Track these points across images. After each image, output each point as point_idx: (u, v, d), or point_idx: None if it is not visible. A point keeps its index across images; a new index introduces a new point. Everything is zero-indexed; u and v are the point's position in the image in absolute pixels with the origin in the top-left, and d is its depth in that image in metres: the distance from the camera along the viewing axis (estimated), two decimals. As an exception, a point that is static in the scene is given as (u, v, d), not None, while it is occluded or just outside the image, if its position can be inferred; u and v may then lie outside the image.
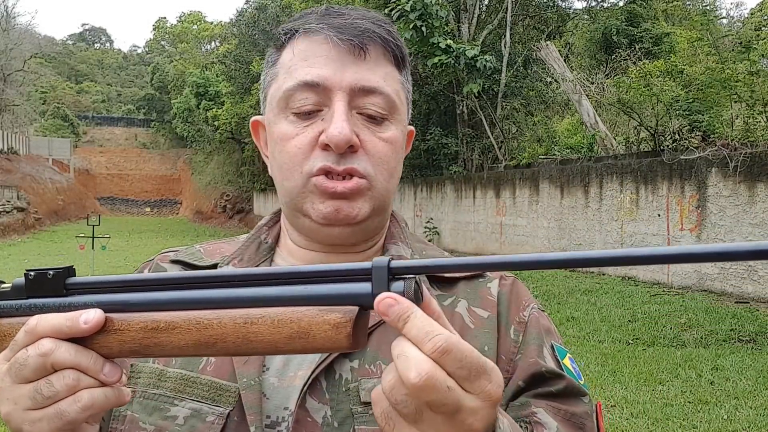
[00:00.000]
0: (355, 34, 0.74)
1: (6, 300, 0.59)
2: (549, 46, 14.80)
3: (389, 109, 0.76)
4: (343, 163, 0.73)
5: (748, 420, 4.37)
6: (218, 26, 52.18)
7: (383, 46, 0.76)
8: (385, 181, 0.77)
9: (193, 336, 0.54)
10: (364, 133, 0.74)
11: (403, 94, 0.79)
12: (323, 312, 0.52)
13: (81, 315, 0.54)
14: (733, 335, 6.63)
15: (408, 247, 0.84)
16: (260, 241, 0.85)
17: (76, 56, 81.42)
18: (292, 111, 0.75)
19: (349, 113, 0.73)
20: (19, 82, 38.19)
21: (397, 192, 0.88)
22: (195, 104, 35.77)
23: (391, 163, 0.77)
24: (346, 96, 0.73)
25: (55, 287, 0.57)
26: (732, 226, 8.73)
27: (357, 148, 0.73)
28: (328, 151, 0.73)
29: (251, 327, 0.53)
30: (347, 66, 0.74)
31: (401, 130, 0.78)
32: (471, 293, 0.80)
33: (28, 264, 15.12)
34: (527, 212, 13.58)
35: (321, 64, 0.74)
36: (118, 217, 45.69)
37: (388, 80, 0.76)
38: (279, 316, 0.52)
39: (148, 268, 0.85)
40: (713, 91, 10.27)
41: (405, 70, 0.80)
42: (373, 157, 0.75)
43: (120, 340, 0.55)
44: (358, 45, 0.73)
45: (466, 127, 17.02)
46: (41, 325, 0.54)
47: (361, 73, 0.74)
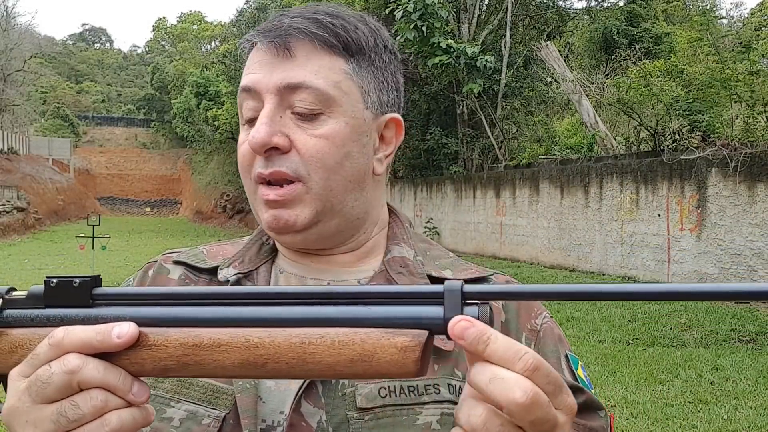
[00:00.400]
0: (278, 35, 0.73)
1: (20, 308, 0.54)
2: (549, 46, 14.80)
3: (323, 103, 0.73)
4: (270, 166, 0.72)
5: (748, 420, 4.37)
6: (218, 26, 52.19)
7: (310, 39, 0.73)
8: (324, 179, 0.73)
9: (241, 355, 0.50)
10: (295, 133, 0.73)
11: (350, 83, 0.74)
12: (389, 335, 0.49)
13: (113, 328, 0.50)
14: (733, 335, 6.63)
15: (411, 248, 0.82)
16: (262, 243, 0.83)
17: (76, 56, 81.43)
18: (244, 118, 0.77)
19: (276, 115, 0.72)
20: (19, 82, 38.20)
21: (397, 192, 0.86)
22: (195, 104, 35.76)
23: (329, 159, 0.73)
24: (274, 97, 0.73)
25: (80, 297, 0.53)
26: (732, 226, 8.73)
27: (286, 149, 0.72)
28: (262, 156, 0.73)
29: (308, 348, 0.49)
30: (276, 67, 0.73)
31: (345, 123, 0.74)
32: None
33: (28, 264, 15.11)
34: (527, 212, 13.58)
35: (255, 70, 0.75)
36: (118, 217, 45.69)
37: (322, 73, 0.73)
38: (340, 337, 0.49)
39: (152, 269, 0.84)
40: (713, 91, 10.27)
41: (358, 56, 0.76)
42: (305, 155, 0.72)
43: (155, 356, 0.51)
44: (281, 45, 0.73)
45: (466, 127, 17.02)
46: (69, 338, 0.50)
47: (287, 71, 0.73)
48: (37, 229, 27.10)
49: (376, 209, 0.82)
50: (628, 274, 10.67)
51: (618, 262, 10.94)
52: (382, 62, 0.78)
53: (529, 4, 17.97)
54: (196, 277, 0.81)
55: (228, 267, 0.80)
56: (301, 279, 0.79)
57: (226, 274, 0.78)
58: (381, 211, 0.83)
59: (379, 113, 0.78)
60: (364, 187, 0.77)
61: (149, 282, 0.82)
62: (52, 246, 20.43)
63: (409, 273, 0.78)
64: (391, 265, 0.78)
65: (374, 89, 0.77)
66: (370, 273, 0.79)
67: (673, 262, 9.75)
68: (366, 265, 0.80)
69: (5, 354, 0.54)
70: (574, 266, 12.01)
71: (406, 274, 0.77)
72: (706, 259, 9.15)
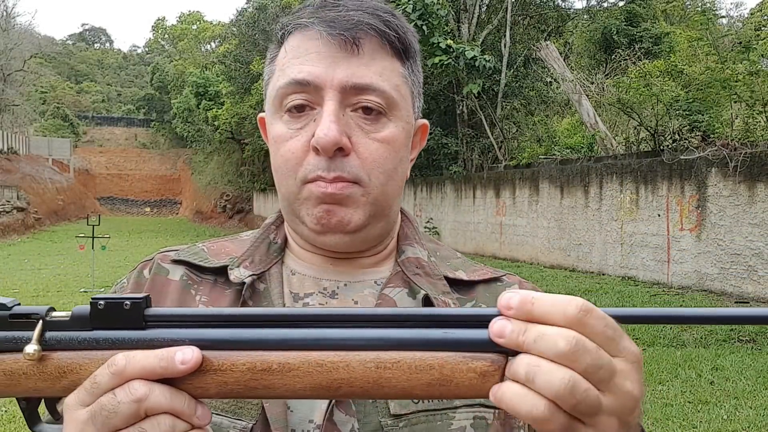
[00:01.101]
0: (347, 28, 0.69)
1: (64, 330, 0.51)
2: (549, 46, 14.80)
3: (387, 105, 0.70)
4: (333, 169, 0.69)
5: (747, 420, 4.37)
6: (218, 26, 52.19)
7: (379, 38, 0.70)
8: (382, 185, 0.71)
9: (314, 379, 0.49)
10: (356, 135, 0.70)
11: (405, 88, 0.73)
12: (468, 359, 0.48)
13: (176, 354, 0.48)
14: (733, 335, 6.63)
15: (423, 249, 0.80)
16: (270, 241, 0.80)
17: (76, 56, 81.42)
18: (286, 109, 0.72)
19: (339, 113, 0.69)
20: (19, 82, 38.19)
21: None
22: (195, 104, 35.74)
23: (388, 164, 0.71)
24: (337, 94, 0.69)
25: (131, 319, 0.51)
26: (732, 226, 8.74)
27: (348, 150, 0.69)
28: (319, 155, 0.69)
29: (384, 372, 0.48)
30: (339, 62, 0.69)
31: (402, 128, 0.73)
32: (490, 298, 0.77)
33: (27, 264, 15.11)
34: (527, 212, 13.58)
35: (312, 61, 0.70)
36: (118, 217, 45.70)
37: (386, 75, 0.71)
38: (417, 361, 0.48)
39: (148, 268, 0.79)
40: (713, 91, 10.27)
41: (410, 60, 0.75)
42: (366, 160, 0.70)
43: (220, 381, 0.49)
44: (350, 39, 0.69)
45: (466, 127, 17.03)
46: (131, 365, 0.48)
47: (353, 69, 0.69)
48: (36, 229, 27.09)
49: (397, 211, 0.81)
50: (627, 274, 10.67)
51: (618, 262, 10.94)
52: (419, 67, 0.78)
53: (529, 4, 17.97)
54: (200, 278, 0.77)
55: (239, 267, 0.76)
56: (316, 280, 0.76)
57: (239, 275, 0.74)
58: (398, 212, 0.83)
59: (417, 118, 0.78)
60: (402, 190, 0.77)
61: (147, 283, 0.77)
62: (51, 246, 20.43)
63: (426, 274, 0.76)
64: (406, 265, 0.77)
65: (417, 95, 0.77)
66: (386, 274, 0.77)
67: (673, 262, 9.76)
68: (381, 265, 0.78)
69: (53, 379, 0.51)
70: (573, 266, 12.01)
71: (423, 275, 0.76)
72: (706, 259, 9.15)
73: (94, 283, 11.18)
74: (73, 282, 11.98)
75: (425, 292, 0.72)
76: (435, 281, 0.75)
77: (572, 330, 0.46)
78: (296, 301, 0.75)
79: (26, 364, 0.51)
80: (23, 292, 10.67)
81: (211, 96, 34.05)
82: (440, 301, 0.72)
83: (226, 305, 0.73)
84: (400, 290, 0.74)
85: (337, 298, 0.74)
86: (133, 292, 0.76)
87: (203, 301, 0.75)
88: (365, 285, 0.76)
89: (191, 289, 0.76)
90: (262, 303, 0.73)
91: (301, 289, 0.76)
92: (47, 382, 0.51)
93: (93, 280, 11.28)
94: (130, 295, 0.51)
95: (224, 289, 0.75)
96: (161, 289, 0.76)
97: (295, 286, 0.76)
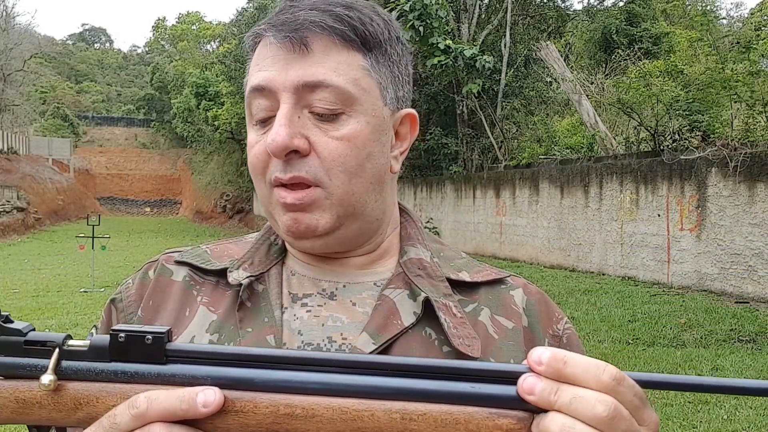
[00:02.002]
0: (294, 29, 0.68)
1: (81, 360, 0.50)
2: (549, 46, 14.80)
3: (343, 102, 0.69)
4: (289, 171, 0.68)
5: (748, 420, 4.38)
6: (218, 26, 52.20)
7: (328, 34, 0.69)
8: (344, 184, 0.70)
9: (337, 427, 0.48)
10: (315, 135, 0.69)
11: (368, 80, 0.71)
12: (494, 415, 0.48)
13: (197, 396, 0.47)
14: (733, 335, 6.63)
15: (427, 250, 0.79)
16: (270, 243, 0.80)
17: (76, 56, 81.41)
18: (254, 118, 0.72)
19: (294, 115, 0.68)
20: (19, 82, 38.18)
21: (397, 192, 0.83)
22: (195, 104, 35.74)
23: (350, 162, 0.69)
24: (291, 96, 0.68)
25: (152, 354, 0.50)
26: (732, 226, 8.74)
27: (305, 152, 0.68)
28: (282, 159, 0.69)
29: (410, 424, 0.48)
30: (291, 64, 0.69)
31: (366, 122, 0.70)
32: (493, 300, 0.76)
33: (27, 264, 15.11)
34: (527, 212, 13.58)
35: (267, 67, 0.70)
36: (118, 217, 45.70)
37: (341, 69, 0.69)
38: (443, 415, 0.48)
39: (153, 269, 0.79)
40: (713, 91, 10.27)
41: (375, 50, 0.72)
42: (326, 159, 0.69)
43: (242, 423, 0.48)
44: (297, 40, 0.68)
45: (466, 127, 17.03)
46: (153, 409, 0.48)
47: (305, 68, 0.68)
48: (36, 229, 27.09)
49: (391, 209, 0.79)
50: (627, 274, 10.67)
51: (618, 262, 10.94)
52: (396, 55, 0.75)
53: (529, 4, 17.98)
54: (202, 279, 0.77)
55: (238, 269, 0.76)
56: (314, 281, 0.76)
57: (237, 277, 0.74)
58: (394, 210, 0.81)
59: (395, 109, 0.76)
60: (383, 187, 0.75)
61: (151, 284, 0.78)
62: (51, 246, 20.43)
63: (428, 275, 0.75)
64: (408, 267, 0.76)
65: (391, 84, 0.74)
66: (387, 275, 0.76)
67: (673, 262, 9.76)
68: (381, 266, 0.78)
69: (68, 410, 0.50)
70: (573, 266, 12.01)
71: (424, 276, 0.75)
72: (706, 259, 9.15)
73: (94, 283, 11.18)
74: (73, 282, 11.99)
75: (426, 295, 0.71)
76: (437, 283, 0.74)
77: (609, 396, 0.46)
78: (294, 301, 0.74)
79: (41, 393, 0.50)
80: (23, 292, 10.67)
81: (211, 96, 34.06)
82: (441, 303, 0.71)
83: (226, 306, 0.73)
84: (400, 291, 0.73)
85: (336, 300, 0.74)
86: (138, 293, 0.78)
87: (204, 301, 0.75)
88: (364, 287, 0.75)
89: (193, 289, 0.76)
90: (260, 304, 0.73)
91: (299, 290, 0.75)
92: (62, 413, 0.50)
93: (93, 280, 11.28)
94: (151, 329, 0.50)
95: (225, 290, 0.75)
96: (164, 290, 0.77)
97: (294, 286, 0.76)
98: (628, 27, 18.55)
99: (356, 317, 0.72)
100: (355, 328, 0.71)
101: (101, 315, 0.81)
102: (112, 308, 0.79)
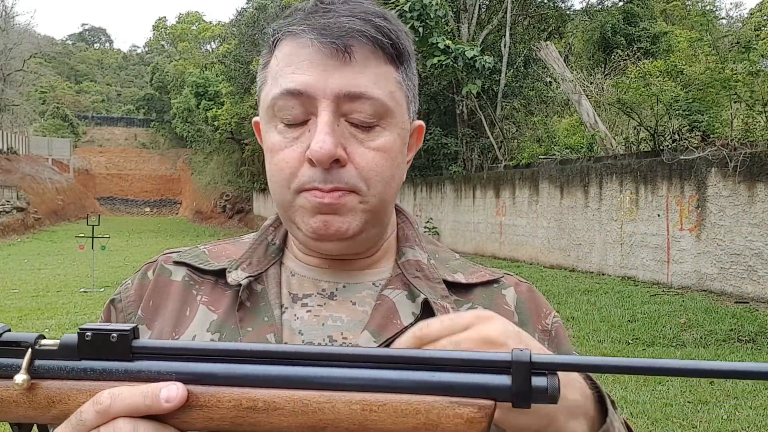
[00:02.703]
0: (339, 35, 0.67)
1: (52, 360, 0.51)
2: (549, 46, 14.80)
3: (380, 114, 0.70)
4: (329, 181, 0.68)
5: (747, 420, 4.37)
6: (218, 26, 52.19)
7: (371, 45, 0.69)
8: (380, 193, 0.71)
9: (298, 419, 0.48)
10: (352, 145, 0.69)
11: (400, 93, 0.73)
12: (455, 404, 0.48)
13: (160, 391, 0.48)
14: (732, 335, 6.63)
15: (424, 252, 0.80)
16: (268, 243, 0.81)
17: (76, 56, 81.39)
18: (281, 120, 0.71)
19: (334, 123, 0.68)
20: (19, 82, 38.15)
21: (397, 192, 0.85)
22: (195, 104, 35.73)
23: (385, 172, 0.71)
24: (331, 104, 0.68)
25: (119, 351, 0.51)
26: (731, 226, 8.73)
27: (344, 162, 0.68)
28: (314, 167, 0.68)
29: (370, 414, 0.48)
30: (331, 71, 0.68)
31: (398, 134, 0.72)
32: (487, 300, 0.77)
33: (27, 264, 15.11)
34: (527, 212, 13.58)
35: (304, 70, 0.69)
36: (118, 217, 45.68)
37: (380, 81, 0.70)
38: (403, 405, 0.48)
39: (152, 270, 0.80)
40: (713, 91, 10.27)
41: (405, 65, 0.74)
42: (363, 169, 0.69)
43: (206, 417, 0.49)
44: (341, 47, 0.67)
45: (466, 127, 17.03)
46: (116, 404, 0.48)
47: (346, 77, 0.68)
48: (36, 229, 27.08)
49: (392, 211, 0.81)
50: (627, 274, 10.67)
51: (618, 262, 10.94)
52: (415, 70, 0.77)
53: (529, 5, 17.97)
54: (201, 279, 0.78)
55: (236, 269, 0.76)
56: (314, 281, 0.77)
57: (236, 277, 0.75)
58: (393, 212, 0.82)
59: (412, 120, 0.78)
60: (397, 193, 0.77)
61: (151, 284, 0.78)
62: (51, 246, 20.42)
63: (425, 277, 0.76)
64: (406, 268, 0.77)
65: (413, 98, 0.77)
66: (385, 275, 0.77)
67: (672, 262, 9.76)
68: (378, 266, 0.79)
69: (42, 408, 0.51)
70: (573, 266, 12.01)
71: (422, 278, 0.76)
72: (705, 259, 9.15)
73: (94, 283, 11.18)
74: (72, 282, 11.98)
75: (424, 296, 0.73)
76: (434, 285, 0.75)
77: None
78: (295, 301, 0.75)
79: (16, 392, 0.51)
80: (23, 292, 10.67)
81: (210, 96, 34.03)
82: (439, 305, 0.73)
83: (226, 306, 0.74)
84: (399, 292, 0.74)
85: (336, 300, 0.75)
86: (137, 293, 0.78)
87: (204, 300, 0.75)
88: (364, 286, 0.76)
89: (193, 289, 0.77)
90: (259, 304, 0.73)
91: (300, 290, 0.76)
92: (37, 410, 0.51)
93: (93, 280, 11.27)
94: (117, 326, 0.51)
95: (224, 290, 0.76)
96: (164, 290, 0.77)
97: (294, 287, 0.76)
98: (626, 26, 18.54)
99: (356, 316, 0.73)
100: (355, 327, 0.72)
101: (100, 316, 0.81)
102: (111, 308, 0.79)
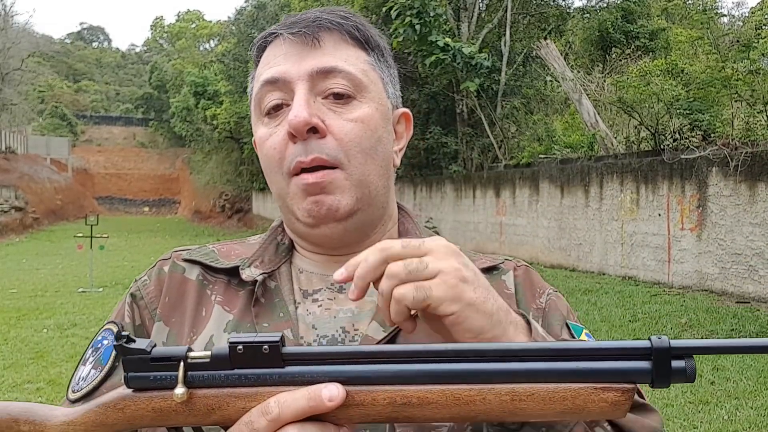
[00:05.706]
0: (306, 26, 0.75)
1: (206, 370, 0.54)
2: (549, 44, 14.77)
3: (355, 86, 0.74)
4: (309, 152, 0.72)
5: (748, 420, 4.36)
6: (217, 25, 52.16)
7: (339, 32, 0.76)
8: (361, 164, 0.74)
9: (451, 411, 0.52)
10: (329, 117, 0.73)
11: (374, 74, 0.78)
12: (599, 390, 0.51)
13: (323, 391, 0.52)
14: (733, 335, 6.61)
15: None
16: (278, 242, 0.83)
17: (74, 55, 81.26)
18: (265, 113, 0.76)
19: (310, 98, 0.73)
20: (17, 81, 38.08)
21: (396, 191, 0.87)
22: (193, 103, 35.65)
23: (365, 143, 0.74)
24: (305, 83, 0.73)
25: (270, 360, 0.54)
26: (732, 225, 8.72)
27: (323, 132, 0.72)
28: (296, 142, 0.72)
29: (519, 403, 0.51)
30: (305, 56, 0.74)
31: (376, 108, 0.76)
32: None
33: (26, 264, 15.08)
34: (527, 212, 13.56)
35: (280, 62, 0.75)
36: (117, 216, 45.64)
37: (350, 59, 0.75)
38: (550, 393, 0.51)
39: (167, 266, 0.83)
40: (714, 90, 10.25)
41: (376, 51, 0.80)
42: (342, 140, 0.73)
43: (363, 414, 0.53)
44: (310, 35, 0.74)
45: (466, 127, 17.01)
46: (285, 412, 0.52)
47: (318, 58, 0.74)
48: (35, 228, 27.04)
49: (392, 204, 0.83)
50: (628, 273, 10.66)
51: (618, 261, 10.93)
52: (390, 61, 0.83)
53: (529, 3, 17.96)
54: (214, 278, 0.80)
55: (250, 267, 0.79)
56: (322, 277, 0.79)
57: (250, 274, 0.78)
58: (394, 206, 0.85)
59: (394, 106, 0.82)
60: (389, 176, 0.80)
61: (166, 280, 0.81)
62: (50, 246, 20.40)
63: None
64: None
65: (390, 83, 0.81)
66: None
67: (673, 261, 9.75)
68: None
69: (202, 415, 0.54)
70: (574, 266, 12.00)
71: None
72: (706, 259, 9.14)
73: (93, 283, 11.15)
74: (71, 282, 11.96)
75: None
76: None
77: None
78: (306, 297, 0.78)
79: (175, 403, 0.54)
80: (21, 292, 10.64)
81: (209, 95, 33.98)
82: None
83: (240, 305, 0.77)
84: None
85: (345, 293, 0.77)
86: (157, 288, 0.81)
87: (219, 300, 0.78)
88: None
89: (207, 288, 0.80)
90: (273, 300, 0.76)
91: (309, 286, 0.79)
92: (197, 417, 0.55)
93: (91, 279, 11.24)
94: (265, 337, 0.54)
95: (237, 290, 0.79)
96: (179, 287, 0.80)
97: (304, 283, 0.79)
98: (624, 23, 18.52)
99: (365, 306, 0.76)
100: (365, 318, 0.75)
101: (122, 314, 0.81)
102: (134, 305, 0.81)
